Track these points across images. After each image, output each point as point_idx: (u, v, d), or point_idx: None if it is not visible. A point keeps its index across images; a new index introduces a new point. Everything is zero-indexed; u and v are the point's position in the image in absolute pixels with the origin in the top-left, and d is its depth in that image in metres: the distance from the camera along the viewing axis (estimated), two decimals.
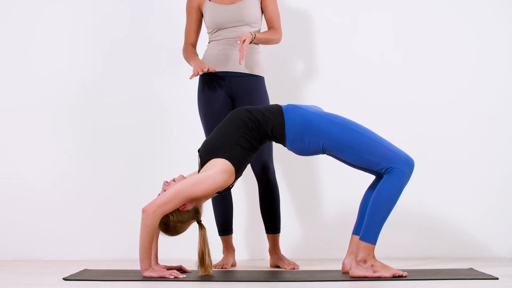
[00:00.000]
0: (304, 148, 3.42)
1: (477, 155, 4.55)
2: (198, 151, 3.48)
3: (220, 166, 3.34)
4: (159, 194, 3.39)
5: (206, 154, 3.42)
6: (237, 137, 3.39)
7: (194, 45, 4.10)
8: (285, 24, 4.28)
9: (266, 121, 3.41)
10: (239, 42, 3.81)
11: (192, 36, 4.09)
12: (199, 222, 3.39)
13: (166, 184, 3.38)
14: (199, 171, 3.47)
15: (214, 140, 3.43)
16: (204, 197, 3.39)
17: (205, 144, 3.47)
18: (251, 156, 3.45)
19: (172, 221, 3.33)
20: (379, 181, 3.40)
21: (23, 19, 4.61)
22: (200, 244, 3.34)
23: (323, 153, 3.43)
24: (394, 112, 4.58)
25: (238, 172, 3.40)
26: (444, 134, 4.56)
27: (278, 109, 3.45)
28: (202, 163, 3.44)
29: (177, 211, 3.33)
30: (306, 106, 3.49)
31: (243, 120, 3.42)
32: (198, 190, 3.30)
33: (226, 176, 3.34)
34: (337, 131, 3.37)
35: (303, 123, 3.39)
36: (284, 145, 3.47)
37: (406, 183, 3.37)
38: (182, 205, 3.33)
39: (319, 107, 3.57)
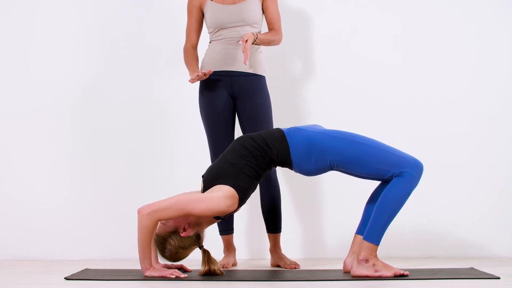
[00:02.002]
0: (312, 168, 3.41)
1: (477, 155, 4.55)
2: (202, 176, 3.46)
3: (224, 192, 3.31)
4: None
5: (210, 180, 3.39)
6: (243, 165, 3.37)
7: (195, 46, 4.09)
8: (286, 23, 4.28)
9: (271, 148, 3.40)
10: (242, 42, 3.81)
11: (193, 36, 4.09)
12: (201, 247, 3.38)
13: None
14: None
15: (219, 167, 3.40)
16: (204, 220, 3.36)
17: (209, 170, 3.44)
18: (256, 184, 3.43)
19: (174, 247, 3.31)
20: (387, 184, 3.40)
21: (23, 20, 4.60)
22: (206, 265, 3.34)
23: (331, 169, 3.42)
24: (394, 112, 4.58)
25: (242, 201, 3.37)
26: (444, 134, 4.56)
27: (280, 133, 3.43)
28: (206, 189, 3.40)
29: (178, 236, 3.32)
30: (307, 126, 3.49)
31: (247, 148, 3.40)
32: (197, 208, 3.27)
33: (229, 202, 3.31)
34: (342, 146, 3.37)
35: (307, 143, 3.39)
36: (291, 169, 3.45)
37: (415, 186, 3.37)
38: (184, 231, 3.32)
39: (320, 125, 3.57)
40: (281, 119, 4.38)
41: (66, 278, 3.35)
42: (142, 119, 4.60)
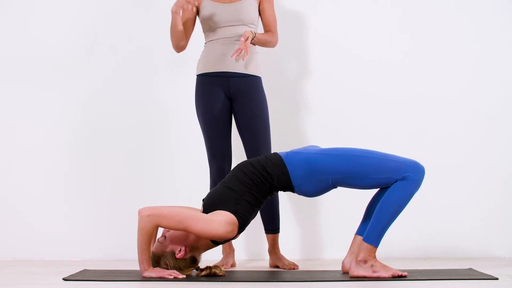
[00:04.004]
0: (314, 189, 3.41)
1: (477, 155, 4.55)
2: (203, 200, 3.44)
3: (225, 217, 3.29)
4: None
5: (211, 205, 3.37)
6: (244, 192, 3.36)
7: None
8: (282, 24, 4.28)
9: (271, 175, 3.38)
10: (243, 38, 3.81)
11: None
12: (197, 269, 3.38)
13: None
14: None
15: (220, 193, 3.39)
16: (201, 244, 3.35)
17: (210, 195, 3.43)
18: (257, 211, 3.42)
19: (170, 267, 3.31)
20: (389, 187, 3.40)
21: (20, 20, 4.60)
22: (208, 269, 3.35)
23: (334, 187, 3.42)
24: (393, 111, 4.58)
25: (242, 228, 3.36)
26: (444, 134, 4.57)
27: (278, 159, 3.41)
28: (205, 213, 3.37)
29: (174, 257, 3.32)
30: (303, 148, 3.49)
31: (248, 175, 3.38)
32: (196, 227, 3.23)
33: (229, 228, 3.29)
34: (342, 163, 3.37)
35: (306, 166, 3.38)
36: (294, 192, 3.45)
37: (417, 189, 3.37)
38: (179, 252, 3.32)
39: (317, 146, 3.58)
40: (277, 120, 4.39)
41: (65, 279, 3.35)
42: (142, 119, 4.60)
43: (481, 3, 4.61)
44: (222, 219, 3.28)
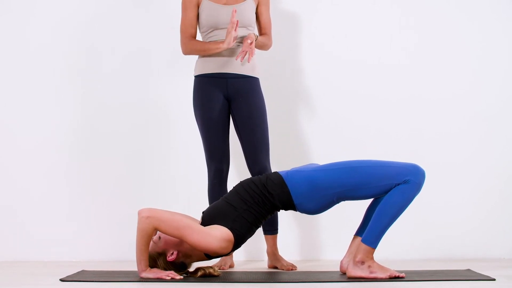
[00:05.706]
0: (316, 206, 3.40)
1: (476, 156, 4.55)
2: (203, 213, 3.44)
3: (222, 233, 3.29)
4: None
5: (210, 218, 3.37)
6: (244, 210, 3.35)
7: (194, 37, 4.04)
8: (281, 24, 4.27)
9: (272, 194, 3.37)
10: (249, 41, 3.82)
11: (192, 30, 4.02)
12: (187, 273, 3.38)
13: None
14: None
15: (221, 207, 3.38)
16: (194, 254, 3.34)
17: (210, 209, 3.42)
18: (254, 231, 3.41)
19: (162, 267, 3.32)
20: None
21: (20, 20, 4.60)
22: (202, 270, 3.36)
23: (337, 202, 3.42)
24: (393, 113, 4.57)
25: (237, 245, 3.36)
26: (444, 135, 4.56)
27: (279, 179, 3.40)
28: (203, 225, 3.36)
29: (165, 259, 3.33)
30: (303, 167, 3.48)
31: (249, 193, 3.38)
32: (192, 237, 3.24)
33: (224, 244, 3.29)
34: (343, 176, 3.36)
35: (307, 184, 3.37)
36: (295, 210, 3.44)
37: (418, 193, 3.38)
38: (171, 255, 3.32)
39: (316, 163, 3.57)
40: (275, 121, 4.39)
41: (62, 280, 3.35)
42: (141, 120, 4.59)
43: (481, 3, 4.60)
44: (218, 234, 3.27)
